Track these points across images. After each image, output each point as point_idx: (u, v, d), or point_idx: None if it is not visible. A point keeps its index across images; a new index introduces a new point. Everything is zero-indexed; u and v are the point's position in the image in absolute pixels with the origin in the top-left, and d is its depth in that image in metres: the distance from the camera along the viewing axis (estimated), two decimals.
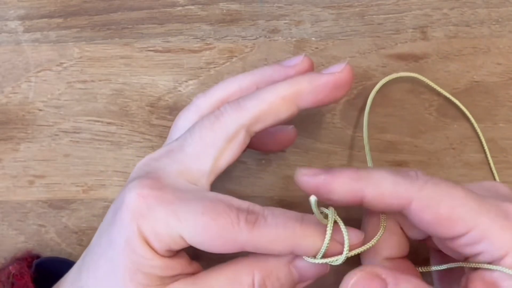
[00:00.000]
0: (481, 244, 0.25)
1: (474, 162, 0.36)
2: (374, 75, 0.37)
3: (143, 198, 0.26)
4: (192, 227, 0.25)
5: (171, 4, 0.38)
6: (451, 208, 0.25)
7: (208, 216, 0.25)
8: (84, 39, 0.37)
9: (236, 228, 0.25)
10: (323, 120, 0.36)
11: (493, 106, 0.36)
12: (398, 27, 0.37)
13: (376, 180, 0.26)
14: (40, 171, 0.36)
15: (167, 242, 0.26)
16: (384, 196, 0.26)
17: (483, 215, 0.25)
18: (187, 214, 0.25)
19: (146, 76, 0.37)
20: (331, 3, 0.38)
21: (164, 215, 0.26)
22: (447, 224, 0.26)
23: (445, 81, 0.37)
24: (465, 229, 0.25)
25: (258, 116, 0.28)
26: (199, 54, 0.37)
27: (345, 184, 0.27)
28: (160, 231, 0.26)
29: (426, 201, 0.26)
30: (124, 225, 0.26)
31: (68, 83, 0.37)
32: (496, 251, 0.25)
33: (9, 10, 0.37)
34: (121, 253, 0.26)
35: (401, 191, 0.26)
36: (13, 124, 0.36)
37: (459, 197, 0.26)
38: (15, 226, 0.35)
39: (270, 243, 0.25)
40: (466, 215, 0.25)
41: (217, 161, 0.28)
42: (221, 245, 0.26)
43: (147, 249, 0.26)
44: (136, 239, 0.26)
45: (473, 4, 0.37)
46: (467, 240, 0.26)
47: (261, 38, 0.37)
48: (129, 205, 0.26)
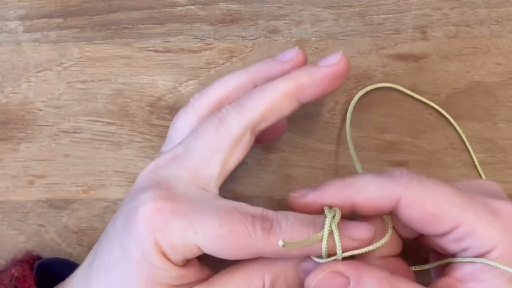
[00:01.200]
0: (467, 240, 0.26)
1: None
2: (374, 75, 0.37)
3: (158, 211, 0.26)
4: (209, 239, 0.26)
5: (171, 4, 0.38)
6: (437, 205, 0.26)
7: (225, 228, 0.25)
8: (84, 39, 0.37)
9: (252, 237, 0.26)
10: (323, 120, 0.36)
11: (493, 106, 0.36)
12: (398, 27, 0.37)
13: (362, 185, 0.27)
14: (40, 171, 0.36)
15: (183, 252, 0.26)
16: (372, 199, 0.27)
17: (469, 211, 0.26)
18: (204, 225, 0.26)
19: (146, 76, 0.37)
20: (331, 3, 0.38)
21: (181, 228, 0.26)
22: (434, 221, 0.26)
23: (445, 81, 0.37)
24: (452, 225, 0.26)
25: (262, 116, 0.28)
26: (199, 54, 0.37)
27: (334, 196, 0.27)
28: (177, 243, 0.26)
29: (413, 199, 0.26)
30: (141, 238, 0.26)
31: (68, 83, 0.37)
32: (482, 246, 0.26)
33: (9, 10, 0.37)
34: (138, 266, 0.26)
35: (387, 191, 0.27)
36: (13, 124, 0.36)
37: (445, 194, 0.26)
38: (15, 226, 0.35)
39: (285, 249, 0.26)
40: (452, 211, 0.26)
41: (225, 164, 0.28)
42: (238, 253, 0.26)
43: (164, 261, 0.26)
44: (153, 252, 0.26)
45: (473, 4, 0.37)
46: (454, 236, 0.26)
47: (261, 38, 0.37)
48: (144, 218, 0.26)
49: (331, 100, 0.36)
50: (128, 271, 0.26)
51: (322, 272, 0.26)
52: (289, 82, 0.28)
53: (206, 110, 0.30)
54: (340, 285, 0.26)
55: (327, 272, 0.26)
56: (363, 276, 0.26)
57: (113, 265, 0.27)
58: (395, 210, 0.27)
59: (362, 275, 0.26)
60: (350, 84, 0.37)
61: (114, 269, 0.27)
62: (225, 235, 0.25)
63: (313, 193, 0.28)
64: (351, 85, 0.37)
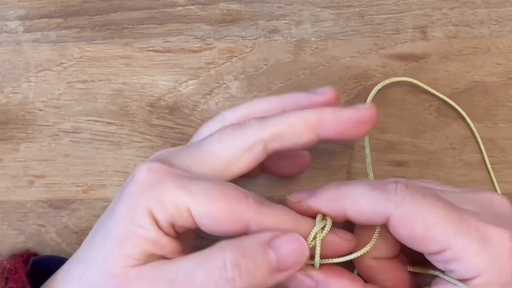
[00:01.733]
0: (452, 264, 0.27)
1: (474, 162, 0.36)
2: (374, 75, 0.37)
3: (153, 171, 0.26)
4: (201, 199, 0.26)
5: (171, 4, 0.38)
6: (426, 228, 0.26)
7: (218, 189, 0.26)
8: (84, 39, 0.37)
9: (244, 202, 0.26)
10: None
11: (493, 106, 0.36)
12: (398, 27, 0.37)
13: (354, 198, 0.28)
14: (40, 171, 0.36)
15: (172, 214, 0.26)
16: (363, 213, 0.27)
17: (459, 237, 0.26)
18: (197, 187, 0.26)
19: (146, 76, 0.37)
20: (331, 3, 0.38)
21: (173, 186, 0.26)
22: (421, 242, 0.27)
23: (445, 81, 0.37)
24: (439, 248, 0.26)
25: (278, 134, 0.28)
26: (199, 54, 0.37)
27: (327, 205, 0.28)
28: (166, 201, 0.26)
29: (403, 219, 0.27)
30: (130, 195, 0.27)
31: (68, 83, 0.37)
32: (467, 272, 0.26)
33: (9, 10, 0.37)
34: (118, 221, 0.26)
35: (378, 207, 0.27)
36: (13, 124, 0.36)
37: (437, 217, 0.26)
38: (15, 226, 0.35)
39: (274, 224, 0.26)
40: (441, 236, 0.26)
41: (229, 165, 0.28)
42: (228, 220, 0.26)
43: (147, 218, 0.26)
44: (138, 207, 0.26)
45: (473, 4, 0.37)
46: (441, 257, 0.27)
47: (261, 38, 0.37)
48: (138, 178, 0.27)
49: None
50: (108, 227, 0.27)
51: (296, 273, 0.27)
52: (313, 113, 0.29)
53: (233, 122, 0.30)
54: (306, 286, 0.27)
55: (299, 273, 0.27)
56: (332, 284, 0.27)
57: (98, 227, 0.28)
58: (387, 225, 0.28)
59: (331, 283, 0.27)
60: (350, 84, 0.37)
61: (99, 230, 0.27)
62: (218, 196, 0.26)
63: (308, 200, 0.28)
64: (351, 85, 0.37)
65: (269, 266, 0.26)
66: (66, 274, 0.28)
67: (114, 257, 0.26)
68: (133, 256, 0.26)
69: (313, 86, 0.36)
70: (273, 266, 0.26)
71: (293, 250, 0.26)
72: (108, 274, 0.26)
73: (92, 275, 0.26)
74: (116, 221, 0.26)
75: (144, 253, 0.26)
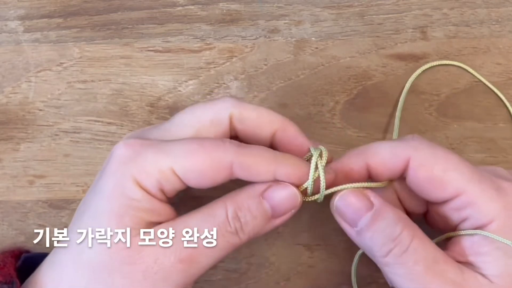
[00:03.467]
0: (467, 210, 0.27)
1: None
2: (374, 75, 0.37)
3: (130, 145, 0.27)
4: (181, 156, 0.26)
5: (171, 4, 0.38)
6: (444, 170, 0.27)
7: (195, 143, 0.27)
8: (84, 39, 0.37)
9: (222, 148, 0.27)
10: (323, 120, 0.36)
11: (493, 106, 0.36)
12: (398, 27, 0.37)
13: (375, 149, 0.29)
14: (40, 171, 0.36)
15: (158, 178, 0.26)
16: (384, 160, 0.28)
17: (474, 182, 0.27)
18: (174, 147, 0.27)
19: (146, 76, 0.37)
20: (331, 3, 0.38)
21: (153, 154, 0.27)
22: (438, 185, 0.27)
23: (445, 81, 0.37)
24: (455, 192, 0.27)
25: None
26: (199, 54, 0.37)
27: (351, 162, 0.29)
28: (149, 168, 0.26)
29: (422, 160, 0.28)
30: (112, 172, 0.27)
31: (68, 83, 0.37)
32: (482, 217, 0.27)
33: (9, 10, 0.37)
34: (108, 198, 0.27)
35: (399, 151, 0.28)
36: (13, 124, 0.36)
37: (453, 162, 0.27)
38: (15, 226, 0.35)
39: (255, 163, 0.27)
40: (457, 179, 0.27)
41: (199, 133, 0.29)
42: (211, 168, 0.27)
43: (137, 190, 0.26)
44: (125, 181, 0.26)
45: (473, 4, 0.37)
46: (455, 204, 0.27)
47: (261, 38, 0.37)
48: (116, 154, 0.27)
49: (331, 100, 0.36)
50: (98, 207, 0.27)
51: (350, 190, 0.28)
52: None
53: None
54: (362, 206, 0.27)
55: (355, 192, 0.28)
56: (386, 208, 0.27)
57: (83, 209, 0.28)
58: (405, 174, 0.28)
59: (386, 207, 0.27)
60: (350, 84, 0.37)
61: (86, 211, 0.27)
62: (196, 149, 0.27)
63: (332, 164, 0.29)
64: (351, 85, 0.37)
65: (264, 215, 0.27)
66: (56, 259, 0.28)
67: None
68: (135, 227, 0.26)
69: (313, 86, 0.37)
70: (268, 215, 0.28)
71: (285, 198, 0.28)
72: (113, 250, 0.26)
73: (91, 255, 0.27)
74: (107, 199, 0.27)
75: (144, 222, 0.27)
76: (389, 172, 0.29)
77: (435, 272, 0.27)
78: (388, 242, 0.27)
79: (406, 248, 0.27)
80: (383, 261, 0.27)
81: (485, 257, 0.27)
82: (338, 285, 0.35)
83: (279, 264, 0.35)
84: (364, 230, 0.27)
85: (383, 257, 0.27)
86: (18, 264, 0.30)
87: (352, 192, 0.28)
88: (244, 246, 0.35)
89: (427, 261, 0.27)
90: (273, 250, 0.35)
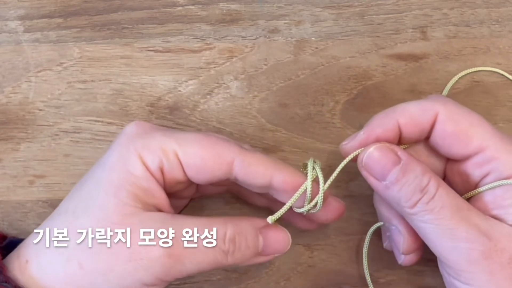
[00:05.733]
0: (490, 164, 0.28)
1: None
2: (374, 75, 0.37)
3: (141, 125, 0.29)
4: (186, 142, 0.28)
5: (171, 4, 0.38)
6: (470, 125, 0.29)
7: (202, 135, 0.28)
8: (84, 39, 0.37)
9: (227, 144, 0.28)
10: (323, 120, 0.36)
11: (493, 106, 0.36)
12: (398, 27, 0.37)
13: (404, 107, 0.30)
14: (40, 171, 0.36)
15: (160, 156, 0.27)
16: (414, 116, 0.29)
17: (497, 138, 0.28)
18: (183, 135, 0.28)
19: (146, 76, 0.37)
20: (331, 3, 0.38)
21: (160, 135, 0.28)
22: (463, 139, 0.29)
23: (445, 81, 0.37)
24: (479, 147, 0.28)
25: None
26: (199, 54, 0.37)
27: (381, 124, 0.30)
28: (154, 146, 0.28)
29: (450, 114, 0.29)
30: (119, 145, 0.28)
31: (68, 83, 0.37)
32: (504, 171, 0.28)
33: (9, 10, 0.37)
34: (110, 169, 0.28)
35: (427, 107, 0.29)
36: (13, 124, 0.36)
37: (478, 119, 0.29)
38: (15, 226, 0.35)
39: (255, 164, 0.28)
40: (481, 134, 0.28)
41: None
42: (213, 159, 0.27)
43: (139, 165, 0.27)
44: (129, 154, 0.28)
45: (473, 4, 0.37)
46: (478, 159, 0.29)
47: (261, 38, 0.37)
48: (126, 131, 0.29)
49: (331, 100, 0.36)
50: (99, 176, 0.28)
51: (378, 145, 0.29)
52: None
53: None
54: (390, 161, 0.28)
55: (382, 146, 0.29)
56: (413, 161, 0.28)
57: (85, 178, 0.29)
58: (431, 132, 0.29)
59: (413, 160, 0.28)
60: (350, 84, 0.37)
61: (87, 180, 0.28)
62: (202, 139, 0.28)
63: (362, 131, 0.30)
64: (351, 85, 0.37)
65: (255, 249, 0.29)
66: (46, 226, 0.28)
67: (111, 205, 0.27)
68: (129, 204, 0.27)
69: (313, 86, 0.37)
70: (258, 250, 0.29)
71: (278, 240, 0.29)
72: (106, 222, 0.27)
73: (84, 223, 0.27)
74: (109, 170, 0.28)
75: (138, 201, 0.27)
76: (419, 129, 0.29)
77: (461, 217, 0.27)
78: (416, 193, 0.28)
79: (433, 196, 0.28)
80: (411, 211, 0.28)
81: (509, 209, 0.28)
82: (338, 285, 0.35)
83: (279, 264, 0.35)
84: (393, 183, 0.28)
85: (411, 208, 0.28)
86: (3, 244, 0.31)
87: (380, 148, 0.29)
88: None
89: (452, 207, 0.28)
90: None
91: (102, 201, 0.27)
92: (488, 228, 0.27)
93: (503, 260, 0.27)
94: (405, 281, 0.35)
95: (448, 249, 0.28)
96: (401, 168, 0.28)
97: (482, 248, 0.27)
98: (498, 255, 0.27)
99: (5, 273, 0.27)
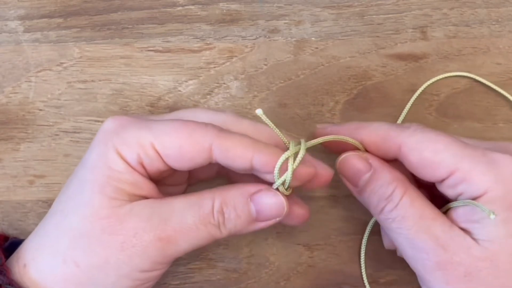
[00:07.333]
0: (461, 186, 0.28)
1: None
2: (374, 75, 0.37)
3: (116, 119, 0.29)
4: (162, 133, 0.27)
5: (171, 4, 0.38)
6: (434, 153, 0.28)
7: (178, 122, 0.28)
8: (84, 39, 0.37)
9: (204, 129, 0.27)
10: (323, 120, 0.36)
11: (493, 106, 0.36)
12: (398, 27, 0.37)
13: (373, 128, 0.30)
14: (40, 171, 0.36)
15: (137, 151, 0.27)
16: (378, 141, 0.30)
17: (466, 160, 0.28)
18: (158, 125, 0.28)
19: (146, 76, 0.37)
20: (331, 3, 0.38)
21: (136, 128, 0.28)
22: (430, 167, 0.29)
23: (445, 81, 0.37)
24: (448, 171, 0.28)
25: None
26: (199, 54, 0.37)
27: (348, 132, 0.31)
28: (130, 141, 0.27)
29: (413, 145, 0.29)
30: (97, 143, 0.28)
31: (68, 83, 0.37)
32: (474, 191, 0.28)
33: (9, 10, 0.37)
34: (92, 168, 0.28)
35: (393, 135, 0.30)
36: (13, 124, 0.36)
37: (444, 144, 0.29)
38: (15, 226, 0.35)
39: (234, 147, 0.27)
40: (448, 159, 0.28)
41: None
42: (191, 147, 0.27)
43: (120, 161, 0.27)
44: (108, 152, 0.27)
45: (473, 4, 0.37)
46: (450, 182, 0.29)
47: (261, 38, 0.37)
48: (103, 128, 0.29)
49: (331, 100, 0.36)
50: (83, 176, 0.28)
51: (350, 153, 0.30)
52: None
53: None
54: (361, 167, 0.30)
55: (354, 154, 0.30)
56: (383, 170, 0.29)
57: (70, 179, 0.29)
58: (399, 157, 0.30)
59: (384, 169, 0.30)
60: (350, 84, 0.37)
61: (72, 180, 0.29)
62: (178, 126, 0.28)
63: (332, 127, 0.32)
64: (351, 85, 0.37)
65: (248, 217, 0.28)
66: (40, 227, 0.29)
67: (98, 201, 0.27)
68: (116, 198, 0.27)
69: (313, 86, 0.37)
70: (252, 217, 0.29)
71: (272, 205, 0.29)
72: (94, 218, 0.27)
73: (73, 222, 0.27)
74: (90, 169, 0.28)
75: (125, 194, 0.27)
76: (382, 154, 0.30)
77: (420, 226, 0.28)
78: (382, 200, 0.29)
79: (396, 205, 0.29)
80: (379, 217, 0.30)
81: (476, 224, 0.28)
82: (338, 285, 0.35)
83: (279, 264, 0.35)
84: (363, 189, 0.30)
85: (378, 214, 0.30)
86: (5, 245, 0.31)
87: (353, 155, 0.30)
88: (244, 246, 0.35)
89: (414, 217, 0.28)
90: (273, 250, 0.35)
91: (88, 198, 0.27)
92: (448, 240, 0.28)
93: (458, 273, 0.28)
94: (405, 281, 0.35)
95: (409, 256, 0.29)
96: (370, 175, 0.29)
97: (437, 259, 0.28)
98: (454, 268, 0.28)
99: (9, 275, 0.28)
